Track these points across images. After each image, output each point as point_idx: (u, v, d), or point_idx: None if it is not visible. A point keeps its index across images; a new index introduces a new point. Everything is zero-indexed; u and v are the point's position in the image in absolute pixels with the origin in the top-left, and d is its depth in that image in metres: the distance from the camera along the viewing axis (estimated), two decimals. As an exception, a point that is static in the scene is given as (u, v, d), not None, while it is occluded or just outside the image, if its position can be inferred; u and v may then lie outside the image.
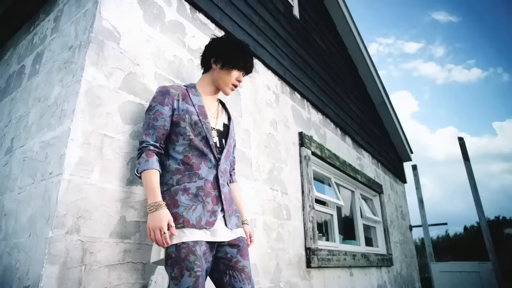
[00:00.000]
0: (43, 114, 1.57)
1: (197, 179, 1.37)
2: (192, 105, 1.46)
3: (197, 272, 1.21)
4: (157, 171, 1.33)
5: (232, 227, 1.40)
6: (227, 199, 1.43)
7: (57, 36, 1.77)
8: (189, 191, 1.34)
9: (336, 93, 4.16)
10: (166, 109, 1.41)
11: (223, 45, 1.59)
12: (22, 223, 1.36)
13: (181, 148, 1.40)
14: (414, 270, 5.88)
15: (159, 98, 1.43)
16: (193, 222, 1.29)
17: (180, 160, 1.39)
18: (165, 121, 1.40)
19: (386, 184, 5.43)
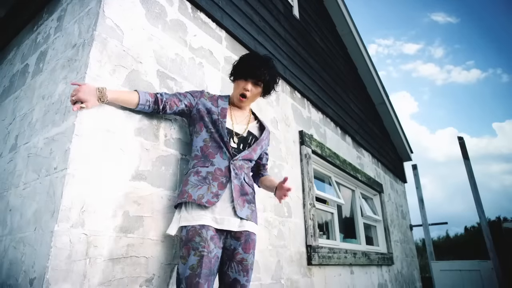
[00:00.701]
0: (47, 111, 1.59)
1: (210, 165, 1.54)
2: (216, 106, 1.65)
3: (202, 252, 1.33)
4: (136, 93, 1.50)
5: (242, 216, 1.50)
6: (237, 190, 1.53)
7: (60, 35, 1.79)
8: (199, 174, 1.52)
9: (336, 93, 4.19)
10: (190, 97, 1.66)
11: (236, 62, 1.70)
12: (27, 217, 1.38)
13: (203, 138, 1.60)
14: (414, 269, 5.88)
15: (192, 90, 1.73)
16: (194, 197, 1.44)
17: (200, 147, 1.59)
18: (183, 99, 1.63)
19: (386, 183, 5.45)
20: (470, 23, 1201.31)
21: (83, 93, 1.34)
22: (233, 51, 2.46)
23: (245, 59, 1.65)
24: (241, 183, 1.57)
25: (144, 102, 1.53)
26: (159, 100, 1.57)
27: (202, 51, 2.15)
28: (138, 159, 1.55)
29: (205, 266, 1.32)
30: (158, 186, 1.62)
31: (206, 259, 1.33)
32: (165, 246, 1.58)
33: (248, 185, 1.62)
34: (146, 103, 1.54)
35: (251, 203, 1.59)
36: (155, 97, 1.56)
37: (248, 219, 1.52)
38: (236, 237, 1.49)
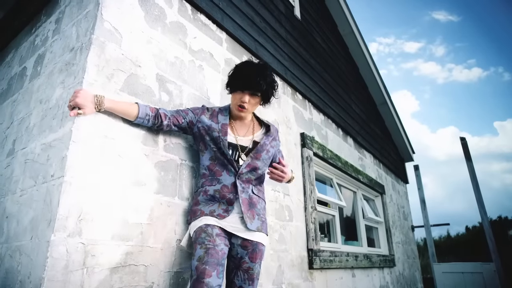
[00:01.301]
0: (44, 116, 1.56)
1: (217, 183, 1.58)
2: (216, 122, 1.63)
3: (208, 245, 1.39)
4: (136, 105, 1.48)
5: (253, 228, 1.53)
6: (246, 204, 1.56)
7: (58, 38, 1.77)
8: (207, 193, 1.57)
9: (338, 94, 4.15)
10: (191, 115, 1.66)
11: (231, 72, 1.66)
12: (23, 225, 1.36)
13: (208, 156, 1.62)
14: (416, 270, 5.86)
15: (193, 107, 1.71)
16: (207, 212, 1.53)
17: (207, 166, 1.63)
18: (185, 116, 1.63)
19: (388, 184, 5.42)
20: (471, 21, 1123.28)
21: (80, 99, 1.31)
22: (234, 53, 2.43)
23: (240, 69, 1.60)
24: (249, 196, 1.60)
25: (143, 116, 1.50)
26: (162, 116, 1.56)
27: (202, 54, 2.12)
28: (136, 165, 1.52)
29: (212, 256, 1.36)
30: (157, 192, 1.59)
31: (212, 251, 1.37)
32: (164, 253, 1.55)
33: (258, 196, 1.65)
34: (146, 117, 1.51)
35: (260, 215, 1.61)
36: (156, 112, 1.55)
37: (259, 230, 1.56)
38: (243, 245, 1.52)
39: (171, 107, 1.79)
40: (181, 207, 1.69)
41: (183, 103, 1.87)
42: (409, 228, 5.97)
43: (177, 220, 1.66)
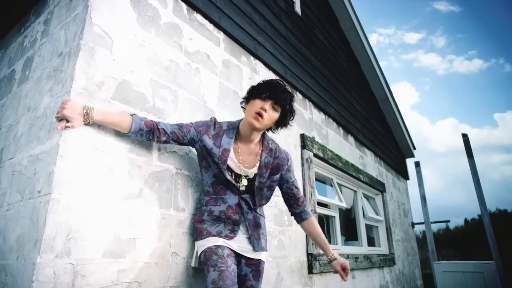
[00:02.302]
0: (32, 125, 1.49)
1: (221, 203, 1.56)
2: (218, 146, 1.54)
3: (221, 267, 1.38)
4: (130, 117, 1.40)
5: (260, 249, 1.58)
6: (251, 225, 1.58)
7: (47, 41, 1.68)
8: (213, 214, 1.56)
9: (339, 91, 4.07)
10: (194, 133, 1.56)
11: (254, 86, 1.58)
12: (10, 243, 1.29)
13: (211, 174, 1.57)
14: (416, 267, 5.85)
15: (199, 122, 1.60)
16: (214, 233, 1.52)
17: (210, 184, 1.59)
18: (187, 134, 1.54)
19: (388, 181, 5.37)
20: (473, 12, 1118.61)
21: (68, 111, 1.24)
22: (232, 54, 2.35)
23: (268, 82, 1.53)
24: (254, 216, 1.61)
25: (136, 131, 1.42)
26: (160, 132, 1.47)
27: (199, 56, 2.04)
28: (129, 177, 1.46)
29: (227, 278, 1.36)
30: (151, 204, 1.53)
31: (226, 273, 1.37)
32: (159, 268, 1.50)
33: (260, 215, 1.66)
34: (139, 131, 1.43)
35: (264, 234, 1.64)
36: (152, 127, 1.46)
37: (263, 250, 1.61)
38: (248, 264, 1.57)
39: (165, 114, 1.71)
40: (176, 218, 1.63)
41: (178, 109, 1.80)
42: (409, 225, 5.94)
43: (172, 232, 1.60)
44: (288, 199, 1.72)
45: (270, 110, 1.48)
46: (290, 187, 1.68)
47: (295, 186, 1.70)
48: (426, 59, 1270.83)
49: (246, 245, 1.57)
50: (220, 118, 2.05)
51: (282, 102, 1.48)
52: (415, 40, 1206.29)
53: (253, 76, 2.52)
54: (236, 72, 2.34)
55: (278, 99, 1.47)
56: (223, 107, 2.11)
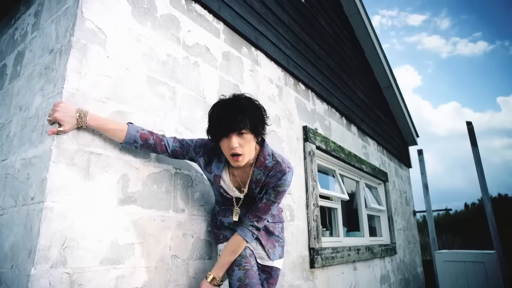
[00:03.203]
0: (24, 126, 1.43)
1: (230, 214, 1.56)
2: (210, 172, 1.50)
3: (245, 266, 1.42)
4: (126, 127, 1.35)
5: (276, 258, 1.57)
6: (264, 236, 1.56)
7: (37, 35, 1.60)
8: (223, 224, 1.59)
9: (342, 80, 3.97)
10: (192, 153, 1.50)
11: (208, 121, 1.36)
12: (4, 250, 1.26)
13: (217, 192, 1.59)
14: (416, 255, 5.88)
15: (198, 142, 1.51)
16: (229, 237, 1.52)
17: (218, 194, 1.59)
18: (186, 154, 1.51)
19: (391, 171, 5.32)
20: None
21: (60, 114, 1.18)
22: (232, 45, 2.25)
23: (213, 114, 1.32)
24: (265, 226, 1.57)
25: (130, 142, 1.37)
26: (162, 148, 1.45)
27: (198, 49, 1.95)
28: (126, 180, 1.40)
29: (252, 277, 1.38)
30: (149, 207, 1.48)
31: (251, 272, 1.40)
32: (159, 272, 1.47)
33: (274, 222, 1.61)
34: (133, 143, 1.38)
35: (280, 240, 1.61)
36: (151, 141, 1.41)
37: (280, 258, 1.59)
38: (264, 270, 1.55)
39: (163, 112, 1.65)
40: (176, 220, 1.59)
41: (177, 106, 1.73)
42: (410, 214, 5.93)
43: (172, 234, 1.56)
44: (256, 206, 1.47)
45: (240, 139, 1.28)
46: (261, 199, 1.45)
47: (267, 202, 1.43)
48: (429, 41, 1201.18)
49: (261, 251, 1.55)
50: (220, 114, 1.99)
51: (241, 126, 1.26)
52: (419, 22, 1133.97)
53: (254, 68, 2.43)
54: (236, 64, 2.26)
55: (236, 128, 1.26)
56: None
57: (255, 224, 1.45)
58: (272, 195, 1.43)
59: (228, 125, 1.26)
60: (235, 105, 1.29)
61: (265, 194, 1.44)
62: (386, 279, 4.18)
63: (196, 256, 1.66)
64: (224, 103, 1.32)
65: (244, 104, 1.29)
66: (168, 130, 1.65)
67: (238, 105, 1.29)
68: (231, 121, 1.25)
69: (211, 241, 1.76)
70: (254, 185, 1.44)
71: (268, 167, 1.41)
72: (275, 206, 1.45)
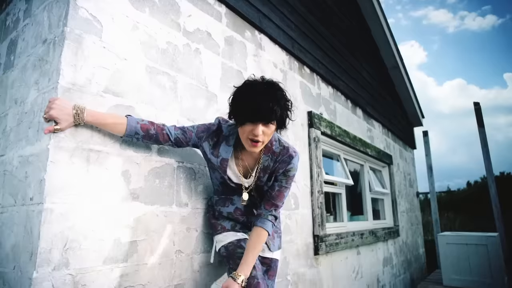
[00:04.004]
0: (20, 121, 1.38)
1: (230, 204, 1.53)
2: (216, 156, 1.43)
3: None
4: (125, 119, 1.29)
5: (275, 249, 1.55)
6: None
7: (30, 22, 1.52)
8: (222, 214, 1.56)
9: (348, 62, 3.85)
10: (195, 139, 1.45)
11: (232, 99, 1.33)
12: (6, 250, 1.24)
13: (219, 175, 1.49)
14: (419, 236, 5.92)
15: (201, 127, 1.47)
16: (228, 227, 1.54)
17: (218, 184, 1.54)
18: (189, 140, 1.45)
19: (396, 153, 5.27)
20: None
21: (56, 111, 1.13)
22: (235, 29, 2.15)
23: (244, 96, 1.25)
24: None
25: (131, 134, 1.32)
26: (164, 137, 1.39)
27: (199, 34, 1.86)
28: (127, 177, 1.36)
29: (258, 270, 1.37)
30: (152, 203, 1.45)
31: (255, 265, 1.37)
32: (163, 268, 1.45)
33: None
34: (134, 135, 1.32)
35: (278, 231, 1.59)
36: (152, 132, 1.35)
37: (279, 248, 1.58)
38: (263, 262, 1.51)
39: (164, 104, 1.58)
40: (179, 214, 1.56)
41: (178, 96, 1.66)
42: (414, 195, 5.93)
43: (175, 229, 1.54)
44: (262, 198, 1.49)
45: (265, 129, 1.25)
46: (273, 187, 1.44)
47: (280, 189, 1.43)
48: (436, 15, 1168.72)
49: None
50: (223, 102, 1.92)
51: (272, 117, 1.23)
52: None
53: (258, 53, 2.34)
54: (239, 49, 2.16)
55: (267, 119, 1.22)
56: (226, 90, 1.97)
57: (273, 213, 1.44)
58: (284, 181, 1.45)
59: (260, 114, 1.21)
60: (270, 93, 1.23)
61: (275, 181, 1.46)
62: (388, 262, 4.23)
63: (201, 250, 1.64)
64: (258, 89, 1.24)
65: (279, 95, 1.25)
66: (169, 122, 1.59)
67: (273, 94, 1.23)
68: (263, 110, 1.20)
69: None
70: (262, 172, 1.44)
71: (276, 153, 1.42)
72: (287, 192, 1.47)
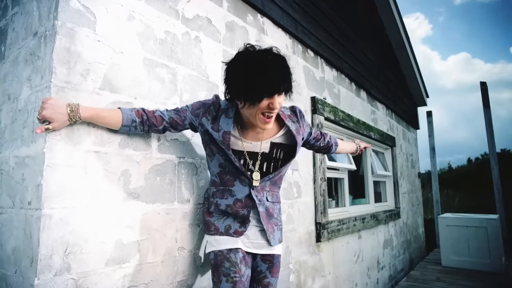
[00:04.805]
0: (15, 119, 1.33)
1: (229, 196, 1.39)
2: (217, 130, 1.33)
3: (234, 277, 1.28)
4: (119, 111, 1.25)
5: (276, 243, 1.43)
6: (265, 217, 1.41)
7: (18, 11, 1.43)
8: (219, 207, 1.41)
9: (353, 43, 3.72)
10: (191, 117, 1.39)
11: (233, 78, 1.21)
12: (7, 252, 1.22)
13: (217, 163, 1.40)
14: (419, 216, 5.98)
15: (195, 104, 1.40)
16: (222, 230, 1.39)
17: (217, 173, 1.42)
18: (184, 119, 1.38)
19: (399, 134, 5.22)
20: None
21: (49, 111, 1.07)
22: (236, 14, 2.05)
23: (255, 73, 1.14)
24: (266, 207, 1.42)
25: (129, 123, 1.26)
26: (157, 120, 1.32)
27: (199, 21, 1.76)
28: (127, 176, 1.33)
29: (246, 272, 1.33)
30: (153, 201, 1.43)
31: (240, 284, 1.29)
32: (165, 266, 1.45)
33: (273, 202, 1.46)
34: (132, 124, 1.27)
35: (278, 224, 1.48)
36: (142, 119, 1.29)
37: (280, 242, 1.48)
38: (264, 259, 1.44)
39: (163, 98, 1.52)
40: (182, 211, 1.54)
41: (178, 89, 1.60)
42: (415, 176, 5.93)
43: (178, 226, 1.52)
44: (319, 149, 1.76)
45: (279, 99, 1.20)
46: (317, 138, 1.68)
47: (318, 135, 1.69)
48: None
49: (260, 239, 1.41)
50: (224, 92, 1.86)
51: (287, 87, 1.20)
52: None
53: (260, 38, 2.24)
54: (241, 35, 2.07)
55: (285, 89, 1.19)
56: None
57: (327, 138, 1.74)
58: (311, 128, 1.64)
59: (277, 86, 1.15)
60: (276, 62, 1.16)
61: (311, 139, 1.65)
62: (389, 243, 4.28)
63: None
64: (264, 62, 1.15)
65: (283, 61, 1.19)
66: (169, 117, 1.54)
67: (279, 62, 1.17)
68: (278, 82, 1.15)
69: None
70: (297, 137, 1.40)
71: (290, 116, 1.45)
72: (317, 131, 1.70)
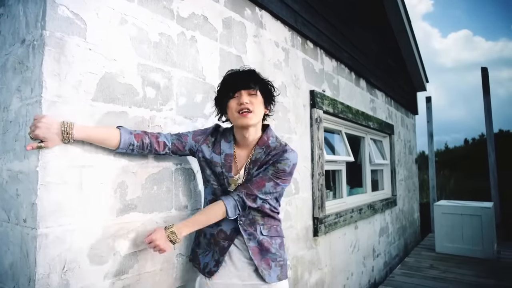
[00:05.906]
0: (6, 130, 1.29)
1: (214, 225, 1.37)
2: (219, 153, 1.37)
3: None
4: (118, 131, 1.22)
5: (272, 280, 1.33)
6: (257, 253, 1.34)
7: (5, 14, 1.36)
8: (205, 236, 1.43)
9: (353, 30, 3.62)
10: (191, 143, 1.40)
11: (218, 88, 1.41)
12: (5, 267, 1.22)
13: (210, 190, 1.42)
14: (415, 201, 6.05)
15: (197, 131, 1.45)
16: (201, 266, 1.42)
17: (209, 200, 1.43)
18: (185, 145, 1.40)
19: (397, 121, 5.20)
20: None
21: (42, 131, 1.04)
22: (233, 9, 1.97)
23: (222, 82, 1.37)
24: (259, 241, 1.34)
25: (126, 147, 1.23)
26: (159, 145, 1.32)
27: (194, 20, 1.69)
28: (123, 188, 1.31)
29: None
30: (151, 211, 1.41)
31: None
32: (165, 273, 1.46)
33: (270, 236, 1.37)
34: (129, 147, 1.24)
35: (277, 259, 1.36)
36: (146, 141, 1.28)
37: (280, 279, 1.34)
38: None
39: (159, 104, 1.48)
40: (179, 218, 1.54)
41: (173, 94, 1.56)
42: (413, 162, 5.96)
43: (176, 233, 1.52)
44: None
45: (251, 98, 1.29)
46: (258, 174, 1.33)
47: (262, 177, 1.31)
48: None
49: (254, 280, 1.32)
50: (222, 92, 1.81)
51: (253, 83, 1.30)
52: None
53: (258, 33, 2.17)
54: (239, 31, 2.00)
55: (248, 86, 1.29)
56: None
57: (242, 196, 1.28)
58: (270, 172, 1.31)
59: (237, 83, 1.29)
60: (243, 70, 1.35)
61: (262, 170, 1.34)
62: (384, 231, 4.35)
63: (202, 250, 1.64)
64: (232, 71, 1.37)
65: (252, 69, 1.36)
66: (166, 123, 1.50)
67: (246, 69, 1.35)
68: (240, 80, 1.30)
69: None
70: (252, 164, 1.34)
71: (271, 147, 1.35)
72: (270, 185, 1.29)
